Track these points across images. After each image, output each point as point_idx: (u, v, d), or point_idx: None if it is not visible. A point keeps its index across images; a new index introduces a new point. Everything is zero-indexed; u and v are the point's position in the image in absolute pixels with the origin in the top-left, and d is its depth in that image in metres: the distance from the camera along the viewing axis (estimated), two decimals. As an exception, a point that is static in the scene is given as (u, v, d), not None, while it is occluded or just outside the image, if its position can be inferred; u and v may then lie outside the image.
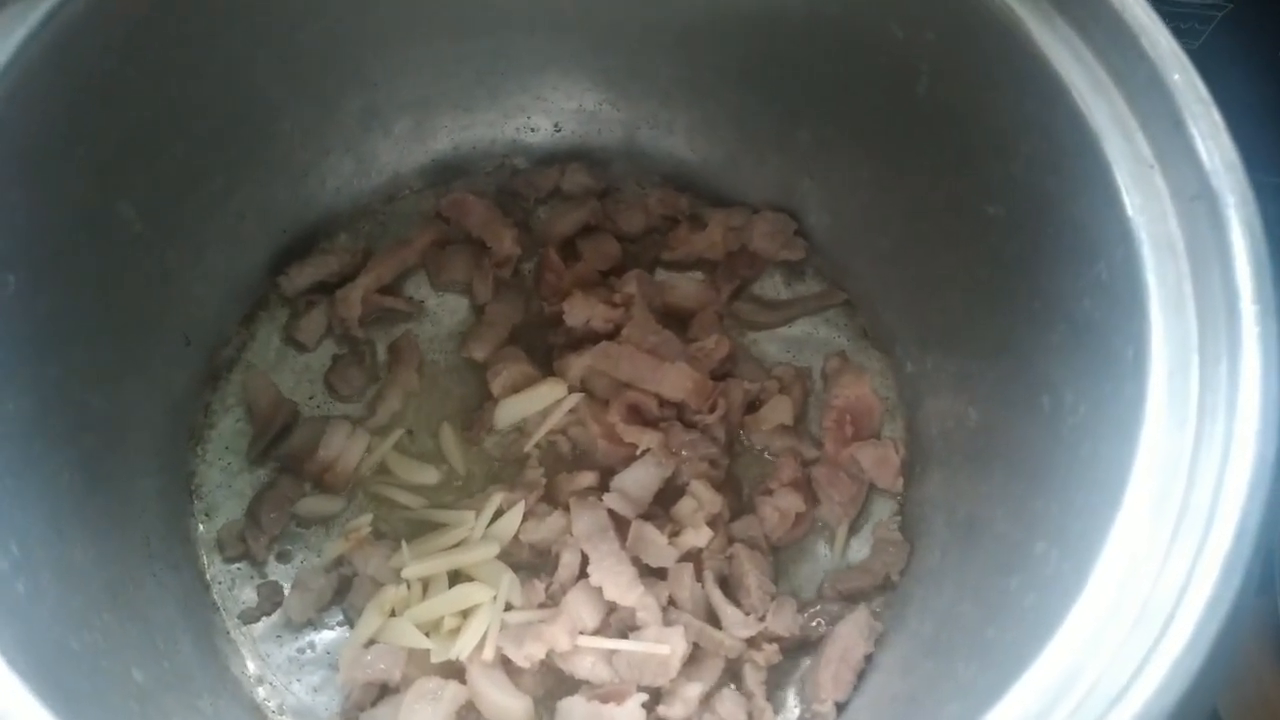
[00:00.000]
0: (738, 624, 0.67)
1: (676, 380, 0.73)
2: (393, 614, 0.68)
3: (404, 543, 0.69)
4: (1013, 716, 0.40)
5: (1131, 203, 0.50)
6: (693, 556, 0.69)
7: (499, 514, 0.71)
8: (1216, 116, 0.49)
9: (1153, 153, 0.50)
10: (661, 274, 0.81)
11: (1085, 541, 0.45)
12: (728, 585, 0.70)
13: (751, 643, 0.67)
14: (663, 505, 0.71)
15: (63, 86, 0.56)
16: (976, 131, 0.61)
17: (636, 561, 0.68)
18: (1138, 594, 0.41)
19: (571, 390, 0.75)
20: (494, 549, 0.69)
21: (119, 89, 0.60)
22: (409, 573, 0.68)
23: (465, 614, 0.67)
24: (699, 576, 0.69)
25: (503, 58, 0.77)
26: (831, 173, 0.76)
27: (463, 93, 0.79)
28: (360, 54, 0.73)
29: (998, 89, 0.58)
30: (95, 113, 0.59)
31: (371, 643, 0.67)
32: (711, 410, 0.73)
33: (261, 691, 0.69)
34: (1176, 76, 0.50)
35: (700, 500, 0.70)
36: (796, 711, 0.68)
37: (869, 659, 0.67)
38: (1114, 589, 0.42)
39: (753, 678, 0.66)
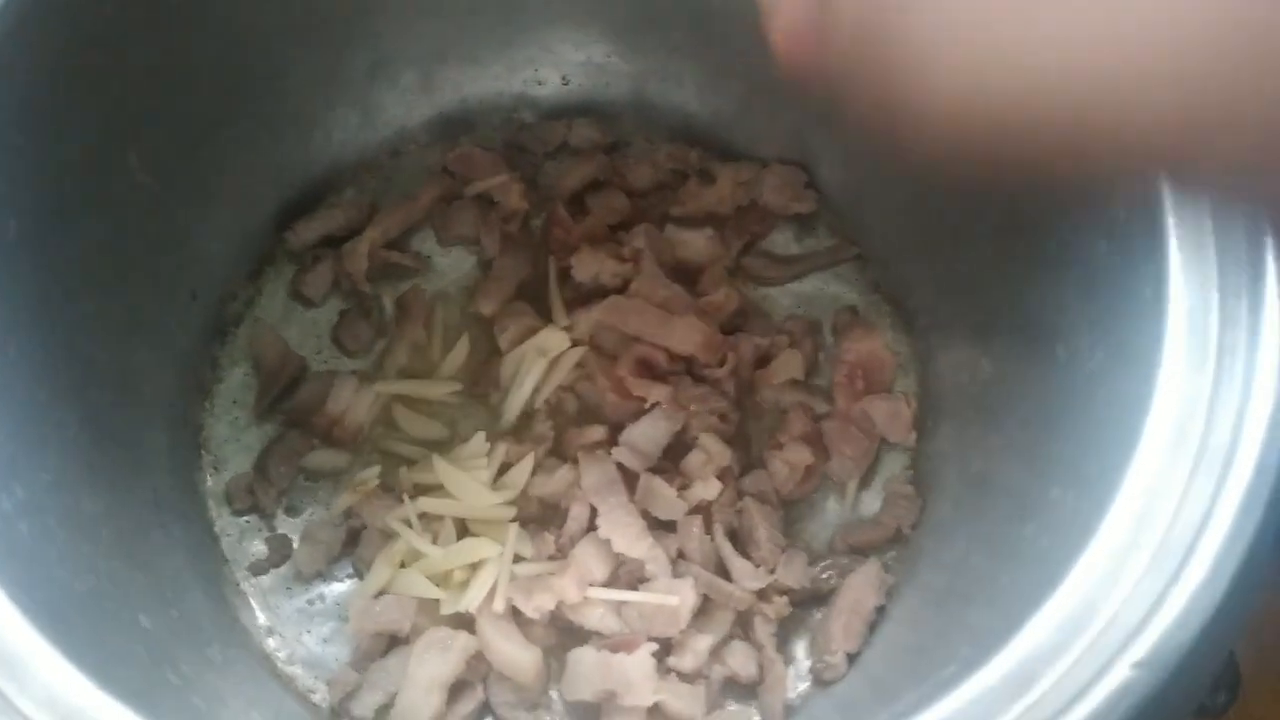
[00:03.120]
0: (747, 576, 0.66)
1: (686, 334, 0.72)
2: (402, 566, 0.68)
3: (407, 498, 0.69)
4: (1026, 652, 0.40)
5: (1150, 140, 0.49)
6: (702, 509, 0.69)
7: (506, 467, 0.70)
8: (1241, 49, 0.48)
9: (1174, 87, 0.49)
10: (670, 229, 0.80)
11: (1101, 481, 0.44)
12: (737, 538, 0.69)
13: (762, 595, 0.66)
14: (672, 459, 0.70)
15: (62, 29, 0.55)
16: (991, 75, 0.59)
17: (645, 514, 0.67)
18: (1155, 530, 0.41)
19: (576, 344, 0.74)
20: (500, 499, 0.68)
21: (119, 35, 0.59)
22: (415, 509, 0.68)
23: (474, 567, 0.67)
24: (708, 529, 0.68)
25: (512, 8, 0.76)
26: (845, 124, 0.74)
27: (470, 45, 0.78)
28: (368, 6, 0.72)
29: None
30: (97, 59, 0.58)
31: (381, 594, 0.67)
32: (721, 364, 0.73)
33: (271, 642, 0.69)
34: (1200, 11, 0.49)
35: (709, 453, 0.69)
36: (807, 663, 0.67)
37: (880, 610, 0.66)
38: (1130, 525, 0.41)
39: (763, 630, 0.66)
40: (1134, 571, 0.40)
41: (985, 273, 0.67)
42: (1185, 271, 0.46)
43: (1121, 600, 0.40)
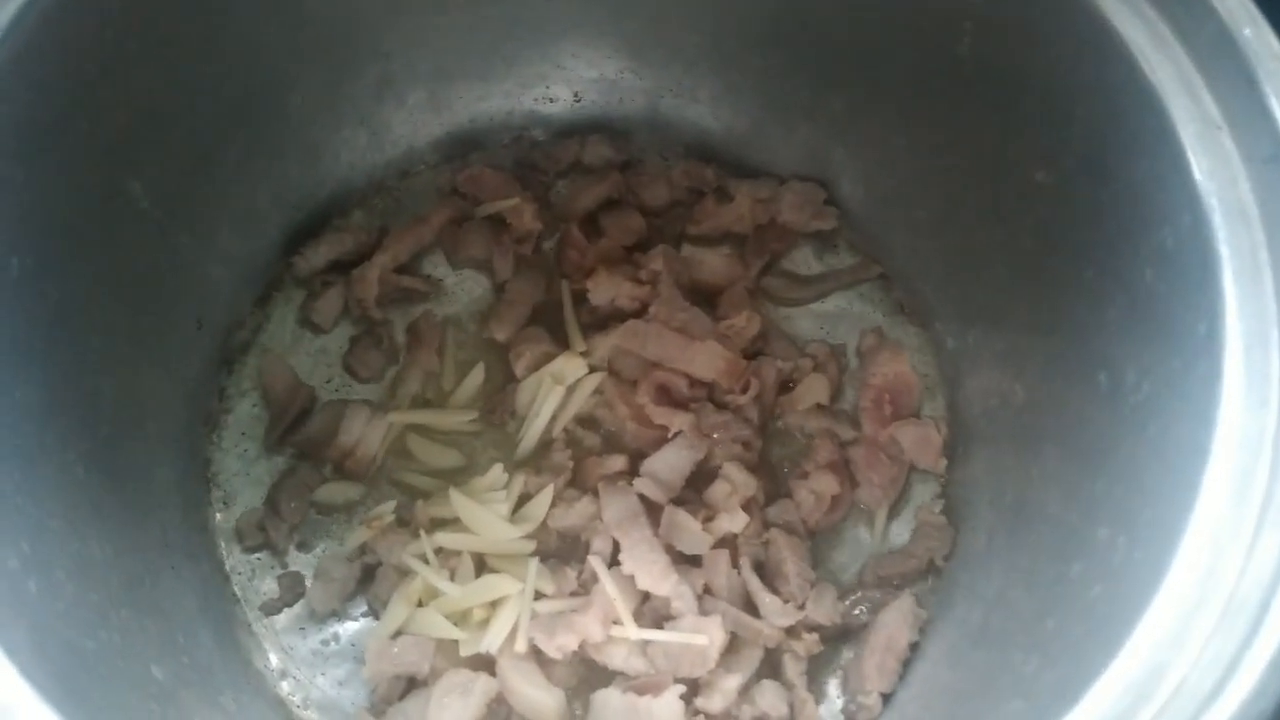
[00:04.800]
0: (776, 612, 0.64)
1: (707, 359, 0.70)
2: (420, 604, 0.65)
3: (422, 533, 0.67)
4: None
5: (1199, 166, 0.47)
6: (728, 542, 0.67)
7: (525, 498, 0.68)
8: (1293, 73, 0.46)
9: (1221, 113, 0.47)
10: (688, 249, 0.78)
11: (1159, 530, 0.42)
12: (765, 572, 0.67)
13: (791, 632, 0.65)
14: (695, 489, 0.69)
15: (61, 59, 0.53)
16: (1025, 94, 0.58)
17: (670, 548, 0.65)
18: (1222, 587, 0.39)
19: (593, 370, 0.72)
20: (519, 533, 0.66)
21: (121, 62, 0.57)
22: (431, 544, 0.66)
23: (494, 605, 0.65)
24: (735, 563, 0.66)
25: (521, 24, 0.73)
26: (866, 140, 0.73)
27: (479, 62, 0.76)
28: (373, 22, 0.70)
29: (1048, 47, 0.55)
30: (98, 87, 0.56)
31: (398, 634, 0.65)
32: (744, 390, 0.71)
33: (285, 685, 0.67)
34: (1247, 31, 0.47)
35: (734, 483, 0.67)
36: (839, 702, 0.66)
37: (914, 648, 0.64)
38: (1195, 582, 0.39)
39: (793, 668, 0.64)
40: (1201, 631, 0.38)
41: (1017, 294, 0.65)
42: (1241, 306, 0.44)
43: (1190, 664, 0.38)
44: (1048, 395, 0.61)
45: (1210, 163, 0.47)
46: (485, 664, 0.64)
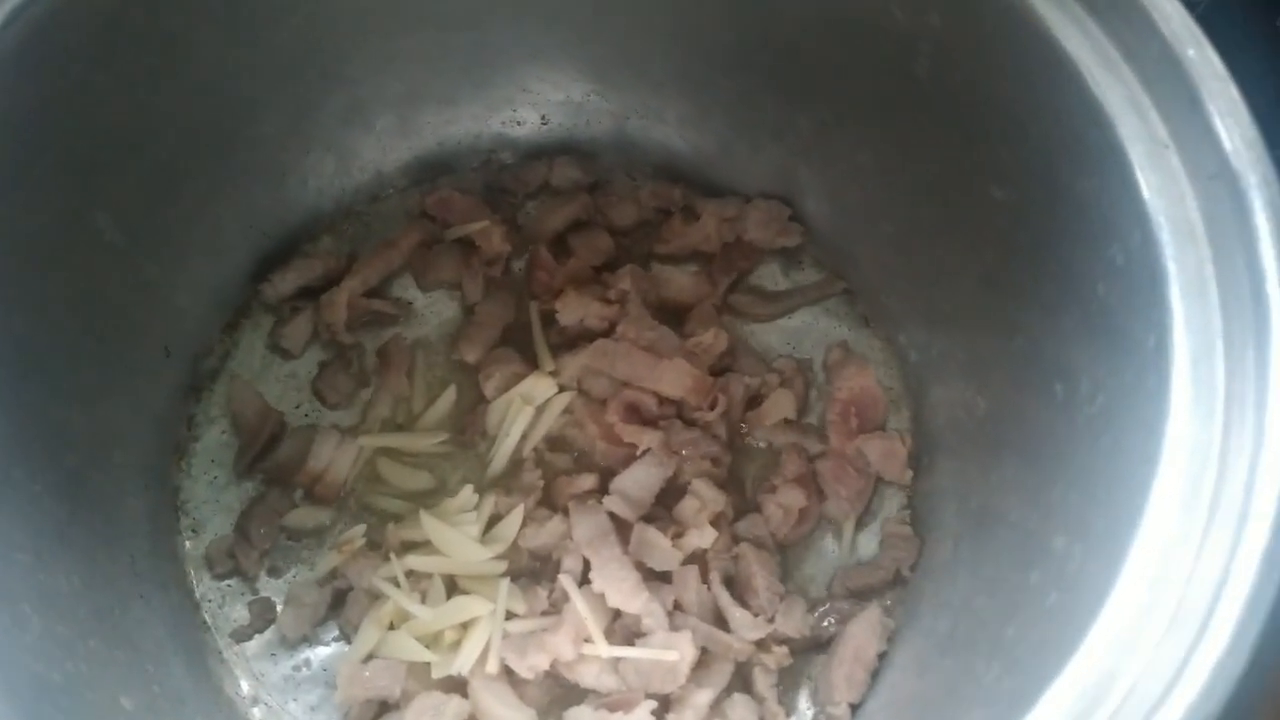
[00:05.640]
0: (746, 626, 0.65)
1: (675, 377, 0.71)
2: (391, 627, 0.66)
3: (393, 555, 0.67)
4: (1046, 726, 0.39)
5: (1147, 184, 0.48)
6: (697, 558, 0.67)
7: (495, 519, 0.69)
8: (1234, 93, 0.47)
9: (1168, 132, 0.49)
10: (656, 268, 0.79)
11: (1111, 539, 0.43)
12: (734, 586, 0.68)
13: (761, 645, 0.65)
14: (665, 506, 0.69)
15: (27, 91, 0.53)
16: (981, 113, 0.59)
17: (640, 566, 0.66)
18: (1171, 593, 0.40)
19: (562, 390, 0.72)
20: (490, 554, 0.67)
21: (88, 93, 0.57)
22: (402, 567, 0.66)
23: (466, 626, 0.65)
24: (704, 578, 0.67)
25: (488, 48, 0.74)
26: (830, 159, 0.74)
27: (446, 86, 0.77)
28: (340, 49, 0.70)
29: (1002, 69, 0.56)
30: (64, 118, 0.56)
31: (370, 658, 0.65)
32: (712, 407, 0.71)
33: (257, 713, 0.67)
34: (1191, 52, 0.48)
35: (703, 499, 0.68)
36: (810, 714, 0.66)
37: (883, 658, 0.65)
38: (1145, 589, 0.40)
39: (763, 681, 0.65)
40: (1151, 636, 0.39)
41: (977, 308, 0.66)
42: (1188, 319, 0.45)
43: (1141, 668, 0.38)
44: (1008, 405, 0.62)
45: (1159, 180, 0.48)
46: (457, 686, 0.64)
